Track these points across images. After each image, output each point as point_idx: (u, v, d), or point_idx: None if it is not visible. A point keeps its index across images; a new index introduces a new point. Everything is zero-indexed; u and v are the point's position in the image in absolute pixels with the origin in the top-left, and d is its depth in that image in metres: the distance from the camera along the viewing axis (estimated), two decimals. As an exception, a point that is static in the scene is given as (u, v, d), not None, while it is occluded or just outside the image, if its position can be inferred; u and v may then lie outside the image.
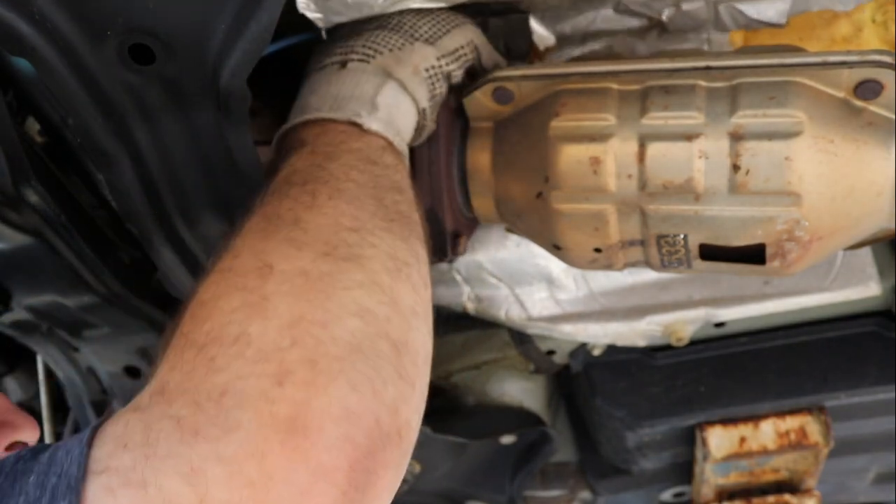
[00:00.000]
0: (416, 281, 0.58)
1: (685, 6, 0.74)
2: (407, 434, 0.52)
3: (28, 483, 0.42)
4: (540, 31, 0.79)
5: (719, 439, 1.05)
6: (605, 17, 0.77)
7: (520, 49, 0.81)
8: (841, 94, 0.64)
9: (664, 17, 0.76)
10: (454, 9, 0.75)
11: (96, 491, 0.41)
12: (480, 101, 0.76)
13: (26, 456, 0.44)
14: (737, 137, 0.64)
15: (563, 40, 0.80)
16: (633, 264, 0.75)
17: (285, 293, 0.51)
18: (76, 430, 1.20)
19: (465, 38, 0.74)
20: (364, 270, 0.54)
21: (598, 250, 0.73)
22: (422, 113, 0.70)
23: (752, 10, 0.73)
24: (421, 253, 0.61)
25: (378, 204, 0.59)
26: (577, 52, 0.82)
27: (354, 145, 0.64)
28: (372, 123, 0.65)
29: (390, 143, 0.66)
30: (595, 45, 0.80)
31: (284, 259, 0.52)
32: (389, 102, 0.67)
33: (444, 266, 1.01)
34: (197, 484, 0.43)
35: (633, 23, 0.77)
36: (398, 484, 0.52)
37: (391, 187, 0.62)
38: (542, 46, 0.80)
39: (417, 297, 0.57)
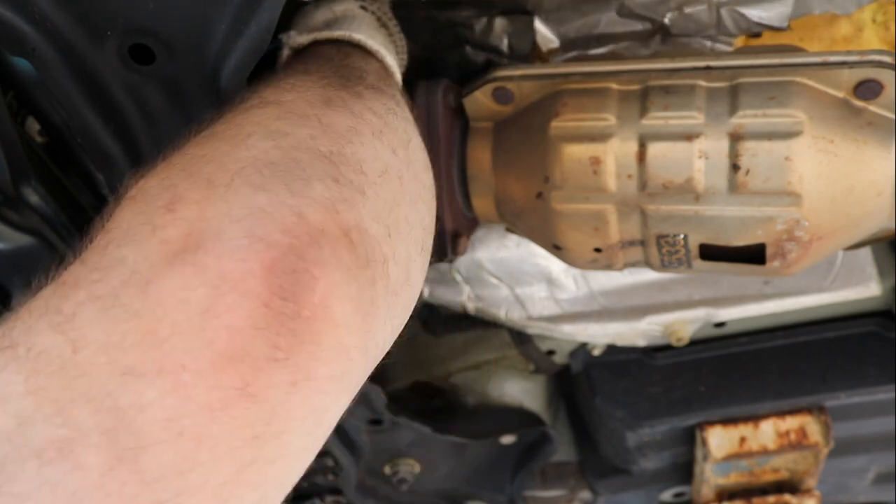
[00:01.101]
0: (354, 108, 0.52)
1: (688, 10, 0.75)
2: (361, 239, 0.44)
3: None
4: (544, 33, 0.79)
5: (719, 439, 1.05)
6: (608, 21, 0.77)
7: (523, 50, 0.81)
8: (841, 94, 0.65)
9: (667, 21, 0.76)
10: None
11: None
12: (480, 101, 0.76)
13: None
14: (737, 137, 0.64)
15: (566, 43, 0.80)
16: (633, 264, 0.75)
17: (188, 147, 0.46)
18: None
19: None
20: (281, 106, 0.49)
21: (598, 250, 0.73)
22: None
23: (754, 14, 0.73)
24: (369, 94, 0.55)
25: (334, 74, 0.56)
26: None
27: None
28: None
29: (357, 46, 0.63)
30: (599, 50, 0.80)
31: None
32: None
33: (444, 266, 1.01)
34: (69, 330, 0.37)
35: (637, 26, 0.77)
36: (364, 310, 0.43)
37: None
38: (545, 48, 0.80)
39: (358, 119, 0.51)
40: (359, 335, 0.42)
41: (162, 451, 0.35)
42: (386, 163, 0.50)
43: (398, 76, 0.67)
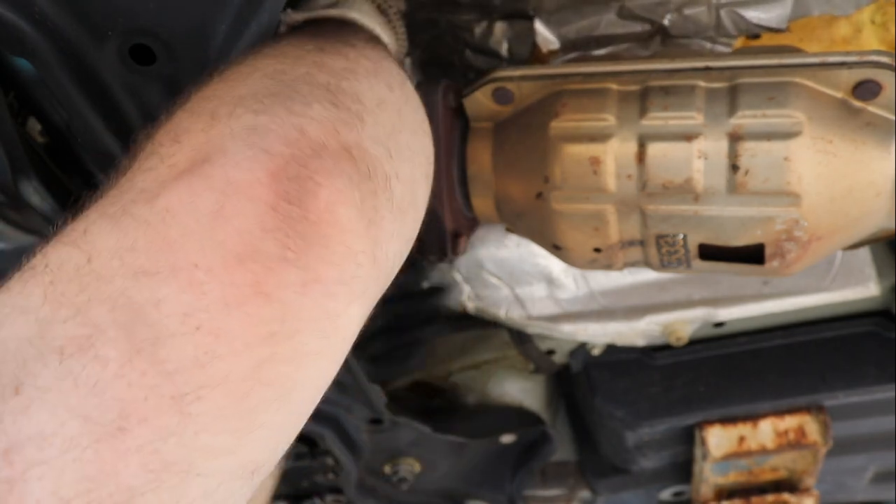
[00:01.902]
0: (349, 54, 0.54)
1: (687, 11, 0.75)
2: (362, 155, 0.45)
3: None
4: (544, 34, 0.80)
5: (718, 438, 1.05)
6: (608, 22, 0.78)
7: (522, 55, 0.81)
8: (840, 95, 0.65)
9: (666, 23, 0.76)
10: None
11: None
12: (480, 101, 0.76)
13: None
14: (736, 138, 0.64)
15: (567, 44, 0.80)
16: (633, 264, 0.75)
17: (190, 95, 0.48)
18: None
19: None
20: (277, 55, 0.51)
21: (597, 250, 0.73)
22: None
23: (753, 16, 0.73)
24: (362, 45, 0.57)
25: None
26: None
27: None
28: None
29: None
30: (599, 51, 0.80)
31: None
32: None
33: (444, 266, 1.02)
34: (82, 243, 0.38)
35: (637, 28, 0.77)
36: (368, 216, 0.44)
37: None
38: (545, 49, 0.80)
39: (352, 62, 0.53)
40: (365, 241, 0.44)
41: (180, 343, 0.36)
42: (382, 96, 0.52)
43: (396, 51, 0.67)
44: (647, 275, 0.99)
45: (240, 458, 0.39)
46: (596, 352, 1.09)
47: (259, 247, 0.38)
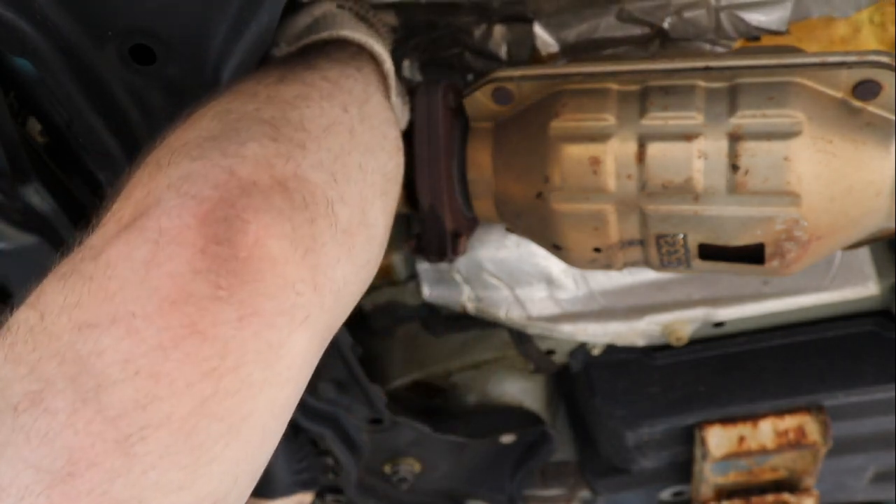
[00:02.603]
0: (306, 79, 0.56)
1: (687, 14, 0.75)
2: (298, 186, 0.47)
3: None
4: (544, 38, 0.80)
5: (718, 438, 1.05)
6: (608, 25, 0.78)
7: (521, 58, 0.81)
8: (839, 95, 0.65)
9: (666, 25, 0.76)
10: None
11: None
12: (480, 101, 0.76)
13: None
14: (736, 138, 0.64)
15: (566, 48, 0.80)
16: (633, 264, 0.75)
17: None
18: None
19: None
20: (236, 90, 0.53)
21: (597, 250, 0.73)
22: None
23: (752, 18, 0.73)
24: (325, 64, 0.59)
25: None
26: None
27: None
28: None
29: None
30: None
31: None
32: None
33: (444, 266, 1.02)
34: (37, 304, 0.41)
35: (636, 31, 0.77)
36: (304, 245, 0.46)
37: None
38: (545, 52, 0.80)
39: (308, 87, 0.55)
40: (302, 269, 0.45)
41: (121, 388, 0.39)
42: (333, 118, 0.54)
43: (388, 63, 0.68)
44: (647, 275, 0.99)
45: (194, 493, 0.41)
46: (596, 352, 1.09)
47: (190, 289, 0.41)
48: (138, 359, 0.39)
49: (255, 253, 0.43)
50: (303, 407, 1.00)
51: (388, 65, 0.68)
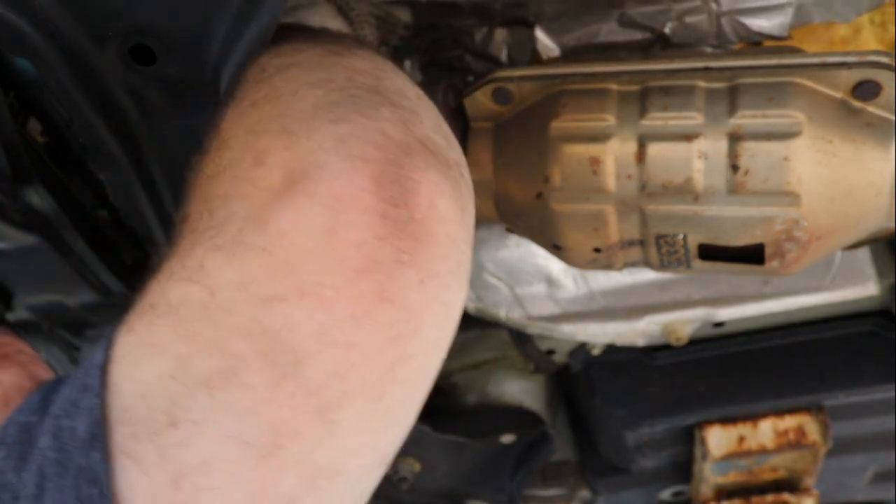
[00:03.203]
0: (361, 54, 0.54)
1: (688, 19, 0.75)
2: (435, 146, 0.46)
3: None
4: (545, 42, 0.80)
5: (718, 438, 1.05)
6: (609, 30, 0.78)
7: (523, 59, 0.81)
8: (839, 95, 0.65)
9: (667, 31, 0.76)
10: None
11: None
12: (480, 101, 0.76)
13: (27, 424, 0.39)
14: (736, 138, 0.65)
15: (567, 52, 0.80)
16: (633, 264, 0.75)
17: (233, 122, 0.49)
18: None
19: None
20: (302, 65, 0.51)
21: (597, 250, 0.73)
22: None
23: (754, 23, 0.73)
24: (359, 50, 0.57)
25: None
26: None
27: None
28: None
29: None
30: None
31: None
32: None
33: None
34: (201, 278, 0.40)
35: (637, 35, 0.77)
36: (461, 204, 0.45)
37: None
38: (545, 56, 0.80)
39: (371, 63, 0.53)
40: (462, 228, 0.45)
41: (319, 360, 0.39)
42: (415, 90, 0.53)
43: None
44: (647, 275, 0.99)
45: (378, 453, 0.43)
46: (596, 352, 1.09)
47: (376, 256, 0.40)
48: (332, 330, 0.39)
49: (430, 214, 0.42)
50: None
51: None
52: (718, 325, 1.05)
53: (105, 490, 0.35)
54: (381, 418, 0.42)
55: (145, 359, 0.39)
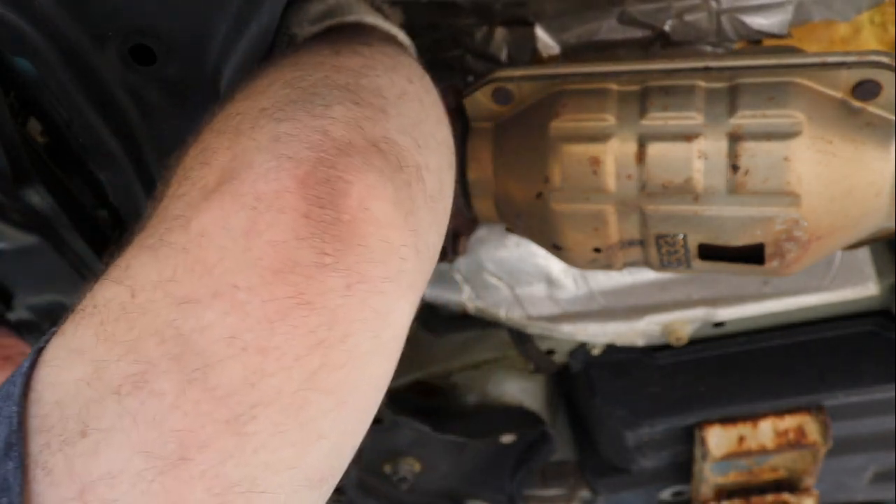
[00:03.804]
0: (364, 52, 0.54)
1: (688, 17, 0.75)
2: (390, 147, 0.44)
3: None
4: (545, 40, 0.80)
5: (718, 438, 1.05)
6: (609, 28, 0.78)
7: (523, 58, 0.81)
8: (839, 95, 0.65)
9: (667, 28, 0.76)
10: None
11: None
12: (480, 101, 0.76)
13: None
14: (736, 138, 0.65)
15: (567, 50, 0.80)
16: (633, 264, 0.75)
17: (216, 115, 0.48)
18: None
19: None
20: (296, 63, 0.51)
21: (597, 250, 0.73)
22: None
23: (754, 22, 0.73)
24: (377, 43, 0.57)
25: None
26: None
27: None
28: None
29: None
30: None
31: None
32: None
33: (444, 266, 1.02)
34: (125, 279, 0.38)
35: (637, 33, 0.77)
36: (405, 207, 0.43)
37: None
38: (545, 55, 0.80)
39: (369, 59, 0.53)
40: (405, 233, 0.43)
41: (229, 366, 0.36)
42: (403, 88, 0.51)
43: (412, 50, 0.67)
44: (647, 275, 0.99)
45: (304, 471, 0.39)
46: (596, 352, 1.09)
47: (295, 257, 0.38)
48: (244, 334, 0.37)
49: (360, 216, 0.40)
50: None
51: (413, 52, 0.67)
52: (718, 325, 1.05)
53: (16, 501, 0.34)
54: (301, 431, 0.38)
55: (67, 363, 0.37)
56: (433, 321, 1.10)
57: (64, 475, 0.34)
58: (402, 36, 0.65)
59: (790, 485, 1.11)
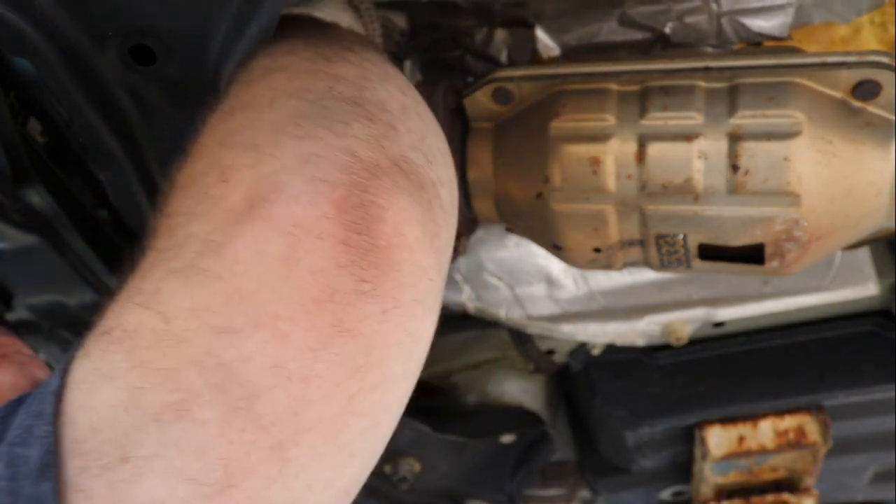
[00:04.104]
0: (352, 60, 0.53)
1: (688, 19, 0.75)
2: (410, 166, 0.44)
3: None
4: (545, 41, 0.80)
5: (718, 438, 1.05)
6: (609, 30, 0.78)
7: (523, 59, 0.81)
8: (839, 95, 0.65)
9: (667, 30, 0.76)
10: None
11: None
12: (480, 101, 0.76)
13: None
14: (736, 138, 0.65)
15: (567, 51, 0.80)
16: (633, 264, 0.75)
17: (212, 128, 0.48)
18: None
19: None
20: (287, 70, 0.50)
21: (597, 250, 0.73)
22: None
23: (754, 24, 0.73)
24: (358, 48, 0.56)
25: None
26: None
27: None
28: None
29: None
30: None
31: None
32: None
33: (443, 266, 1.02)
34: (155, 304, 0.38)
35: (637, 35, 0.77)
36: (430, 229, 0.43)
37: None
38: (545, 56, 0.80)
39: (361, 68, 0.52)
40: (431, 255, 0.44)
41: (273, 396, 0.37)
42: (401, 101, 0.51)
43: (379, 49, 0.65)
44: (647, 275, 0.99)
45: (339, 488, 0.41)
46: (596, 352, 1.09)
47: (335, 285, 0.38)
48: (288, 363, 0.37)
49: (395, 241, 0.40)
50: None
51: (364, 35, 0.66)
52: (718, 325, 1.05)
53: None
54: (339, 453, 0.40)
55: (98, 387, 0.37)
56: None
57: (105, 500, 0.35)
58: (360, 30, 0.64)
59: (790, 485, 1.12)
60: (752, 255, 0.68)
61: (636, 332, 1.03)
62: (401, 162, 0.44)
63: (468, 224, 0.84)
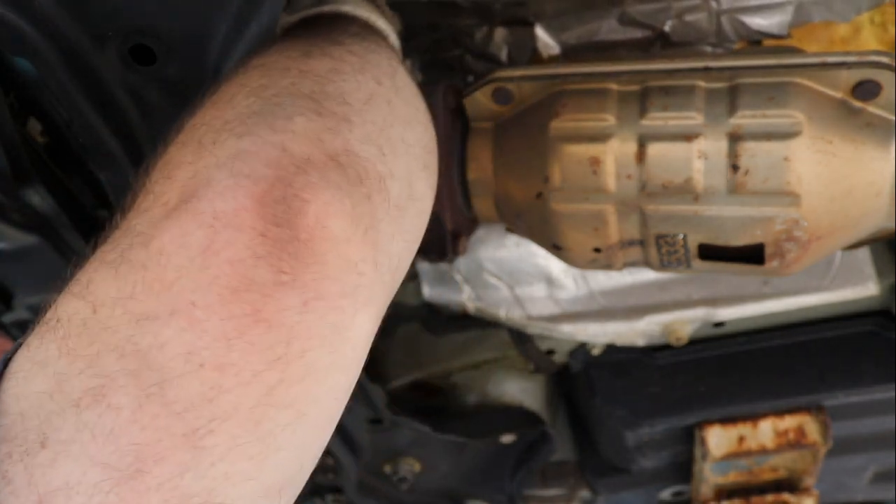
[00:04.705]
0: (334, 53, 0.54)
1: (688, 17, 0.75)
2: (351, 161, 0.45)
3: None
4: (545, 40, 0.80)
5: (718, 438, 1.05)
6: (609, 28, 0.78)
7: (523, 58, 0.81)
8: (839, 95, 0.65)
9: (667, 29, 0.76)
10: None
11: None
12: (480, 101, 0.76)
13: None
14: (736, 138, 0.65)
15: (567, 50, 0.80)
16: (633, 264, 0.75)
17: (184, 122, 0.49)
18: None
19: None
20: (263, 66, 0.51)
21: (597, 250, 0.73)
22: None
23: (753, 22, 0.73)
24: (349, 40, 0.57)
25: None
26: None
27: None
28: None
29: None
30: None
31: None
32: None
33: (444, 266, 1.02)
34: (87, 294, 0.39)
35: (637, 34, 0.77)
36: (364, 223, 0.44)
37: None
38: (545, 55, 0.81)
39: (338, 62, 0.52)
40: (363, 248, 0.44)
41: (186, 382, 0.37)
42: (370, 91, 0.52)
43: (393, 37, 0.66)
44: (647, 275, 0.99)
45: (262, 482, 0.40)
46: (596, 352, 1.09)
47: (252, 275, 0.39)
48: (202, 351, 0.38)
49: (317, 234, 0.41)
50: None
51: (393, 38, 0.66)
52: (718, 325, 1.05)
53: None
54: (260, 444, 0.39)
55: (31, 376, 0.38)
56: (433, 321, 1.10)
57: (23, 485, 0.35)
58: (381, 23, 0.64)
59: (790, 485, 1.11)
60: (752, 255, 0.68)
61: (636, 332, 1.03)
62: (340, 156, 0.45)
63: (468, 224, 0.84)
